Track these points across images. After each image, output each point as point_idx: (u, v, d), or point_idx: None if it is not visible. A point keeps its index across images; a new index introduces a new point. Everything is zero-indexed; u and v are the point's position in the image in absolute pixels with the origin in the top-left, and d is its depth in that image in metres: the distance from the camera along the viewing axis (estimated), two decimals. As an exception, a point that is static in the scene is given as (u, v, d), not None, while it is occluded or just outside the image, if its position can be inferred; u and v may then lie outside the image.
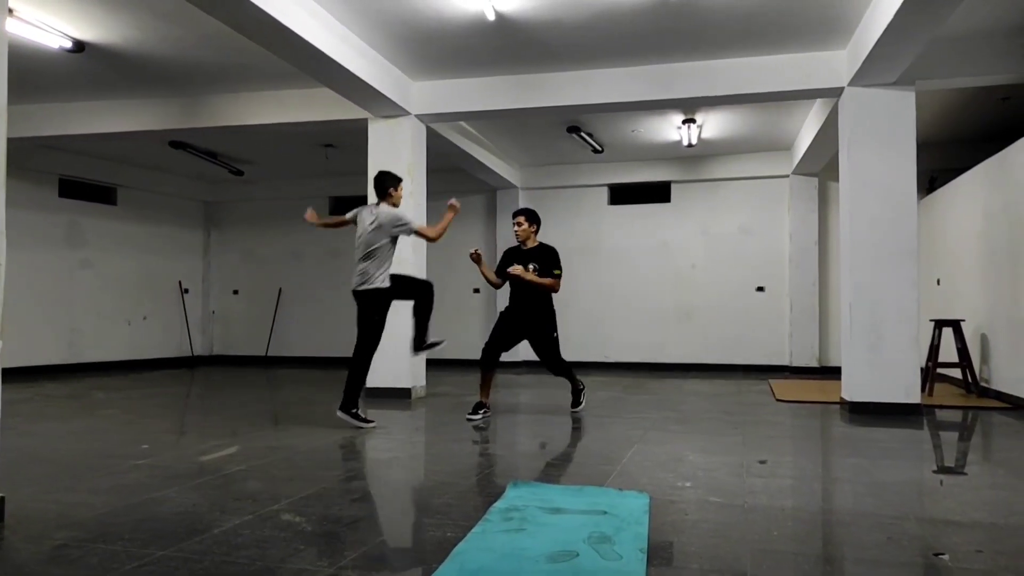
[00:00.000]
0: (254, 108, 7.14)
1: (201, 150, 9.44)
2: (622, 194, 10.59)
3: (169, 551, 2.41)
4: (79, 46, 5.91)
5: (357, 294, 5.07)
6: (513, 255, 5.77)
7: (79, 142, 8.60)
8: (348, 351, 11.17)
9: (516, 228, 5.74)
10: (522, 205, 10.78)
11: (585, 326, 10.46)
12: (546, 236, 10.91)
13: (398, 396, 6.66)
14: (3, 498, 2.82)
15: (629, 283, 10.40)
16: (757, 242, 10.01)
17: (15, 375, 8.31)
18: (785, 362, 9.79)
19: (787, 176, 9.81)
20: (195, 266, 11.76)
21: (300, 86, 6.91)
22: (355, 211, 5.32)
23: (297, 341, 11.52)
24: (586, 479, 3.49)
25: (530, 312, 5.63)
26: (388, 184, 5.20)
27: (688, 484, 3.40)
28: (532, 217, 5.79)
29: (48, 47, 5.87)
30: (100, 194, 10.22)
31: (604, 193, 10.59)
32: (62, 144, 8.80)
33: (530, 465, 3.94)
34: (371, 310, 5.06)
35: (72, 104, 7.51)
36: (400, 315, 6.74)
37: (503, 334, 5.60)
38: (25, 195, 9.06)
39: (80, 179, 9.84)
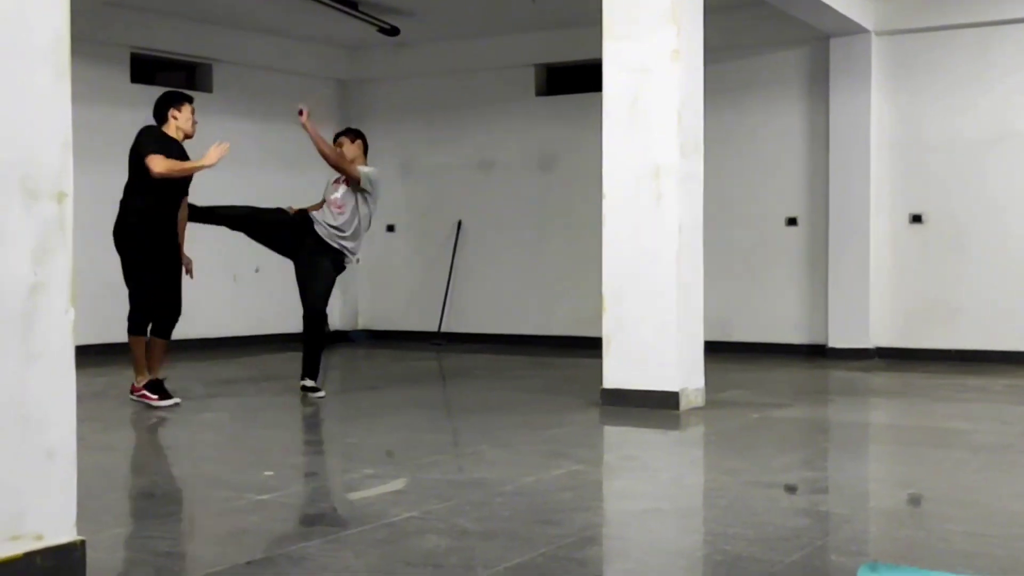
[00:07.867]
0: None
1: (337, -5, 6.41)
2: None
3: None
4: None
5: None
6: None
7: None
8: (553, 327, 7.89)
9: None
10: (875, 57, 6.98)
11: (998, 260, 6.62)
12: (919, 116, 7.03)
13: (658, 405, 4.48)
14: (83, 541, 2.11)
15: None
16: None
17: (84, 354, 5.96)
18: None
19: None
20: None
21: None
22: None
23: (480, 308, 8.08)
24: (992, 560, 2.22)
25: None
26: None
27: None
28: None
29: None
30: (189, 76, 7.86)
31: None
32: (135, 2, 6.79)
33: (891, 532, 2.69)
34: None
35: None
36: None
37: None
38: (93, 82, 6.29)
39: (161, 53, 7.65)
